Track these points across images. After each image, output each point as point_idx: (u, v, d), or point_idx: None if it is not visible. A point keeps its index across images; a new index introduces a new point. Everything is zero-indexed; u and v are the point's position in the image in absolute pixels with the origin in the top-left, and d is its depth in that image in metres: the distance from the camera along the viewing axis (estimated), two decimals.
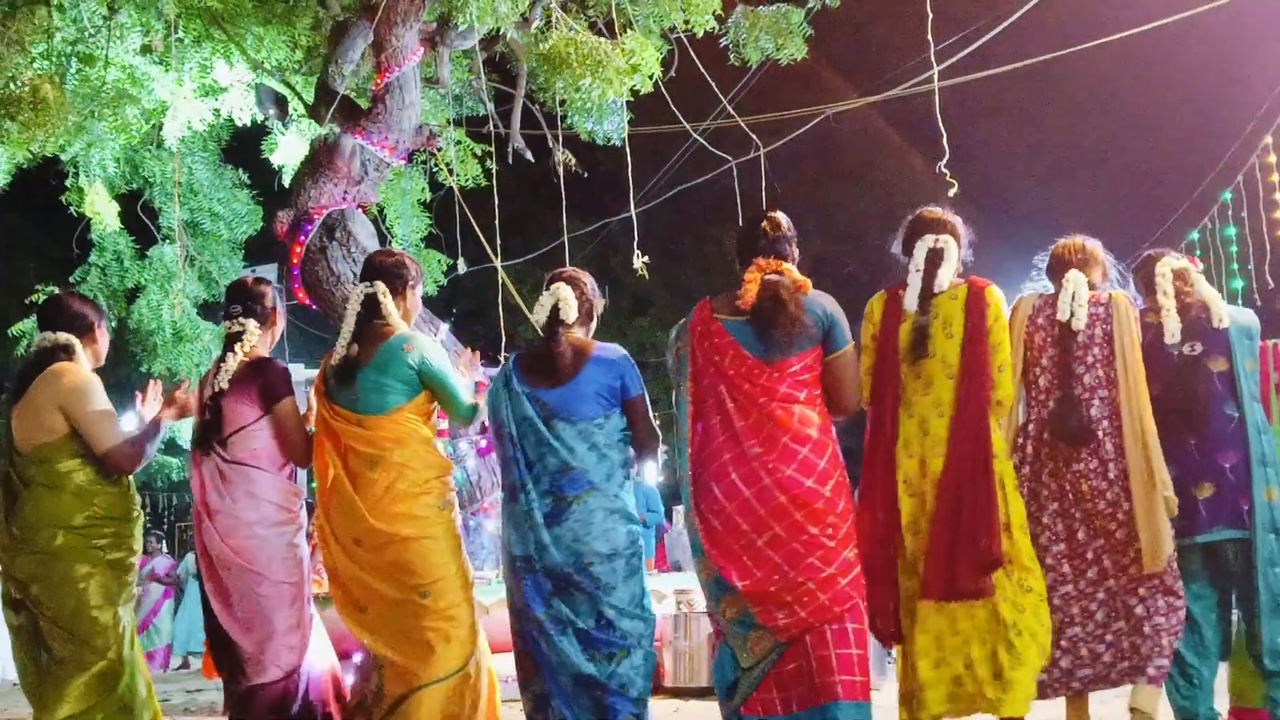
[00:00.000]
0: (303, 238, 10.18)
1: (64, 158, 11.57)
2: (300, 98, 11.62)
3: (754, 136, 11.45)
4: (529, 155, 11.93)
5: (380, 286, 4.92)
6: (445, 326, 10.42)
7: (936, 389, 4.71)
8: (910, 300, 4.79)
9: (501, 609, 8.69)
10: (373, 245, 10.58)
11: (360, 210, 10.58)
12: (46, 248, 18.54)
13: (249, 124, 11.72)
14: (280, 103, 11.57)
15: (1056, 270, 5.11)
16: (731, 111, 11.38)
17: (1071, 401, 4.83)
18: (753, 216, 4.88)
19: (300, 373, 13.48)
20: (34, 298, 13.66)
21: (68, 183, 12.33)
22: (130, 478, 4.93)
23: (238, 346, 4.97)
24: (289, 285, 10.72)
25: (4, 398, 5.00)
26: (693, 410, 4.64)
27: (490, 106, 12.16)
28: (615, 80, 8.92)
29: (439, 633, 4.69)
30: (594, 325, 5.06)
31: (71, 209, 12.70)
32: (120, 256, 13.92)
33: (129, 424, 5.34)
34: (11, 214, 18.99)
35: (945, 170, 8.01)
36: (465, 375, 5.10)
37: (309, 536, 5.06)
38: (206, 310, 14.56)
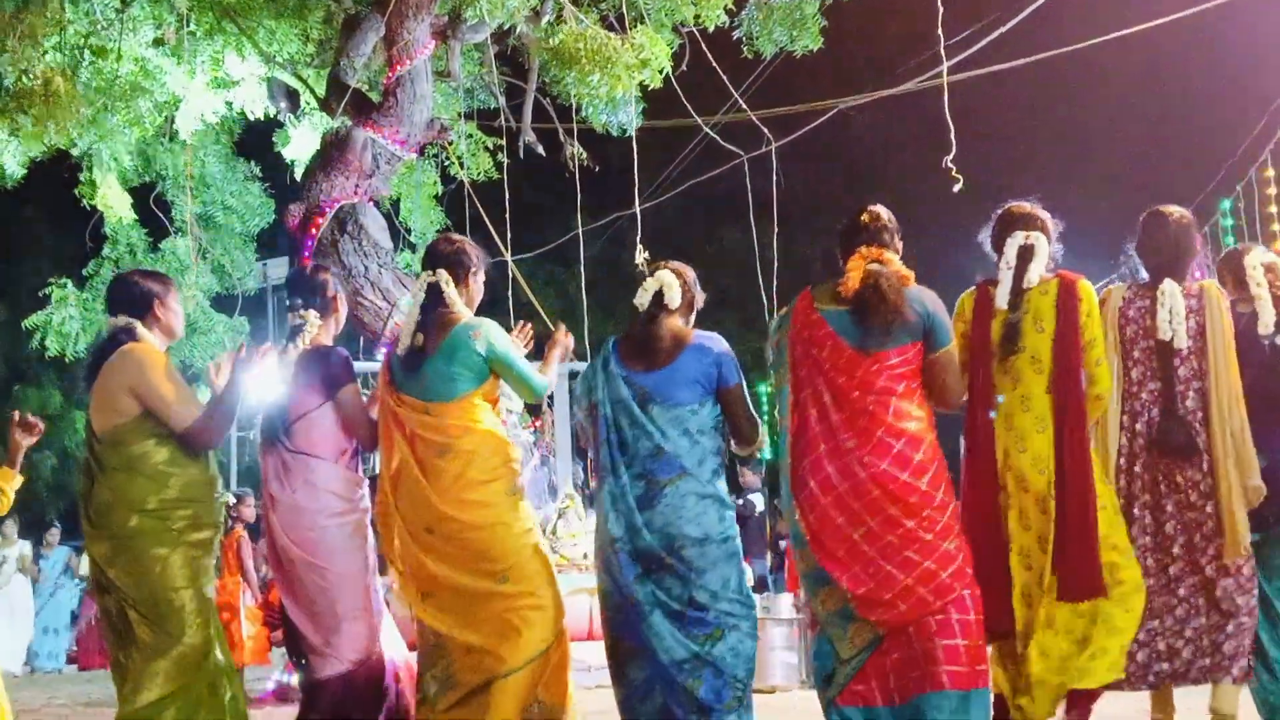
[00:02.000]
0: (314, 231, 10.19)
1: (76, 151, 11.61)
2: (312, 91, 11.64)
3: (765, 130, 11.44)
4: (540, 149, 11.94)
5: (443, 275, 4.90)
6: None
7: (1025, 383, 4.73)
8: (1002, 297, 4.78)
9: None
10: (384, 239, 10.60)
11: (372, 204, 10.60)
12: (61, 241, 18.62)
13: (261, 117, 11.76)
14: (292, 96, 11.60)
15: (1152, 262, 5.06)
16: (743, 105, 11.36)
17: (1176, 418, 4.86)
18: (854, 209, 4.89)
19: None
20: (48, 291, 13.72)
21: (80, 176, 12.37)
22: (210, 455, 4.82)
23: (299, 338, 4.97)
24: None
25: (82, 385, 4.85)
26: (792, 401, 4.62)
27: (501, 100, 12.17)
28: (624, 76, 8.93)
29: (521, 616, 4.66)
30: (693, 318, 5.04)
31: (84, 202, 12.75)
32: (133, 249, 13.97)
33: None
34: (26, 207, 19.07)
35: (952, 165, 7.99)
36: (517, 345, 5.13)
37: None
38: (219, 303, 14.60)
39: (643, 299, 4.86)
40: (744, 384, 4.84)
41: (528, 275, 12.98)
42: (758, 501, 14.66)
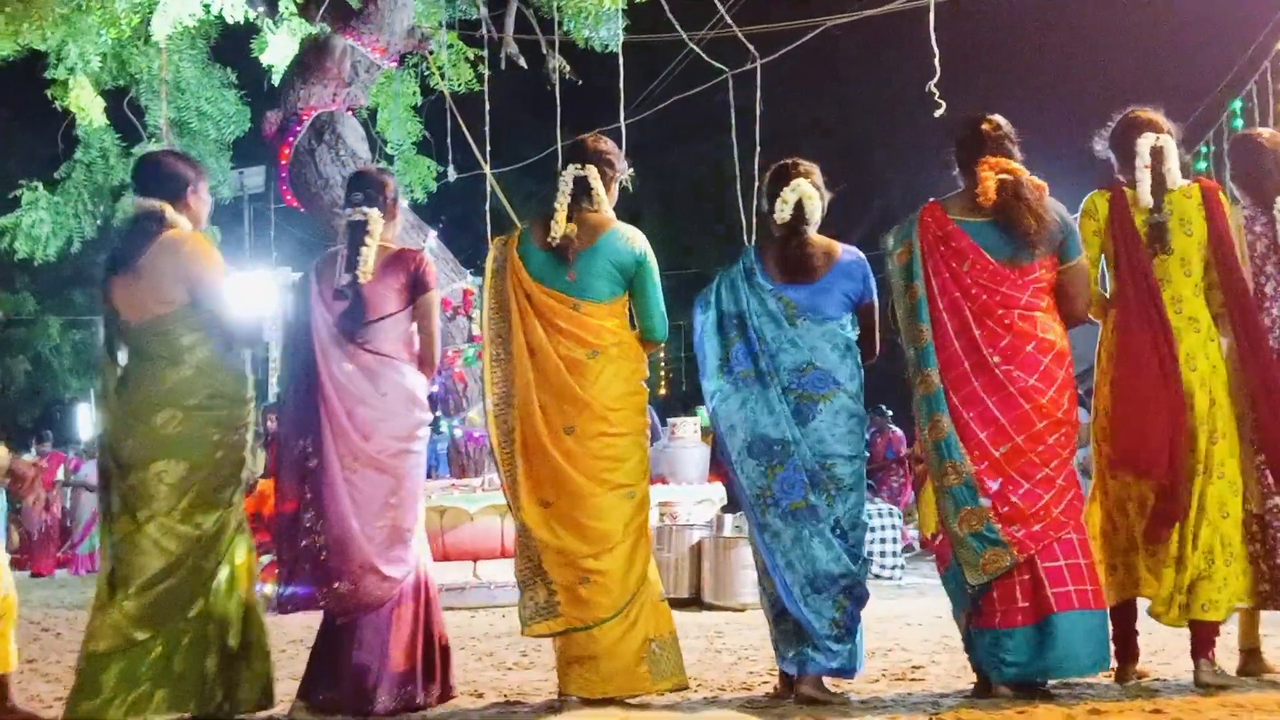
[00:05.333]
0: (291, 139, 10.09)
1: (47, 50, 11.39)
2: None
3: (751, 47, 11.30)
4: (522, 61, 11.79)
5: (593, 170, 4.76)
6: (433, 234, 10.36)
7: (1174, 285, 4.71)
8: (1145, 195, 4.73)
9: (486, 516, 8.85)
10: (361, 149, 10.49)
11: (350, 113, 10.48)
12: (32, 143, 18.36)
13: (239, 22, 11.55)
14: (271, 1, 11.40)
15: (1256, 185, 4.97)
16: (729, 20, 11.22)
17: None
18: (970, 118, 4.80)
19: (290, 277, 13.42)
20: (19, 193, 13.55)
21: (48, 75, 12.15)
22: (248, 359, 4.67)
23: (367, 237, 4.68)
24: (277, 188, 10.64)
25: (103, 268, 4.59)
26: (930, 314, 4.58)
27: (483, 10, 11.98)
28: None
29: (644, 537, 4.62)
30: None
31: (56, 104, 12.55)
32: (106, 154, 13.79)
33: None
34: None
35: (934, 90, 7.94)
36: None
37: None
38: None
39: (783, 212, 4.73)
40: (877, 303, 4.81)
41: (506, 189, 12.86)
42: None
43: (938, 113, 8.01)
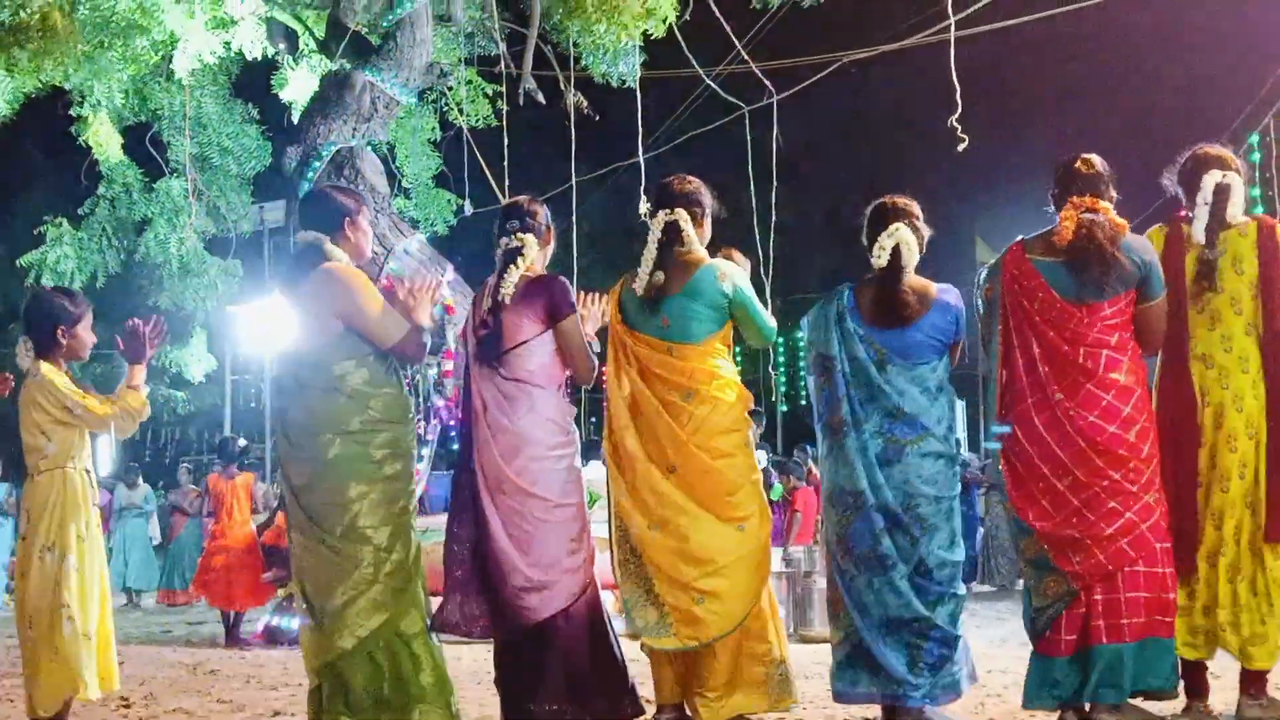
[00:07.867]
0: (311, 174, 10.13)
1: (70, 87, 11.49)
2: (311, 33, 11.53)
3: (768, 83, 11.33)
4: (540, 97, 11.83)
5: (681, 214, 4.85)
6: (451, 268, 10.39)
7: (1225, 324, 4.73)
8: (1199, 232, 4.76)
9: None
10: (380, 183, 10.54)
11: (368, 148, 10.53)
12: (58, 178, 18.50)
13: (259, 58, 11.64)
14: (291, 37, 11.48)
15: None
16: (745, 56, 11.25)
17: None
18: (1066, 157, 4.85)
19: None
20: (44, 229, 13.65)
21: (72, 112, 12.26)
22: (402, 380, 4.79)
23: (519, 260, 4.83)
24: (296, 222, 10.69)
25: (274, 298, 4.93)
26: (1001, 352, 4.68)
27: (502, 46, 12.05)
28: (631, 24, 8.85)
29: (757, 565, 4.68)
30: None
31: (80, 140, 12.66)
32: (129, 189, 13.87)
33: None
34: (23, 143, 18.94)
35: (957, 125, 7.94)
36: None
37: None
38: (213, 245, 14.51)
39: (880, 258, 4.74)
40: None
41: None
42: (760, 458, 14.57)
43: (961, 147, 8.01)
